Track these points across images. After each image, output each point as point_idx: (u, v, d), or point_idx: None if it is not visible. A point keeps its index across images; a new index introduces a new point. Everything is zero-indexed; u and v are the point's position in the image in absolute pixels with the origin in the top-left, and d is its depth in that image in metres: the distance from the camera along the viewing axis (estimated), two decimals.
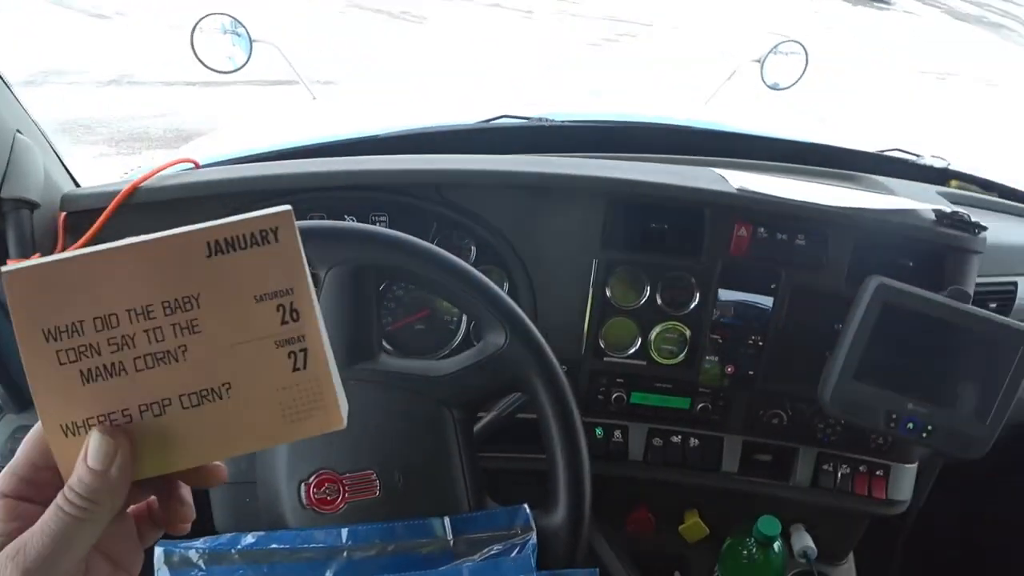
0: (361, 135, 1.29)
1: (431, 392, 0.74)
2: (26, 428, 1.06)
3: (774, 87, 1.87)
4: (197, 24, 1.86)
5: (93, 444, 0.37)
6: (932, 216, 1.04)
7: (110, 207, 0.98)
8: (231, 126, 1.94)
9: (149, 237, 0.37)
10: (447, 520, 0.71)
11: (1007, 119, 6.69)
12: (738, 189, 1.04)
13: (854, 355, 0.99)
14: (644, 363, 1.10)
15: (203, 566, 0.69)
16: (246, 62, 1.94)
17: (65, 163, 1.08)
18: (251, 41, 1.89)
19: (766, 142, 1.43)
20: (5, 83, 0.98)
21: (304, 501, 0.73)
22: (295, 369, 0.38)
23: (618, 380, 1.12)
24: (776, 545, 1.09)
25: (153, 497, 0.43)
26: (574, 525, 0.73)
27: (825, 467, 1.15)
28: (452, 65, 6.94)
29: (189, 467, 0.40)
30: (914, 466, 1.14)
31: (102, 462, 0.37)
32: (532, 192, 1.04)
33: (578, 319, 1.08)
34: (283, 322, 0.38)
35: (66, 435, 0.38)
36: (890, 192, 1.19)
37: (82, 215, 1.01)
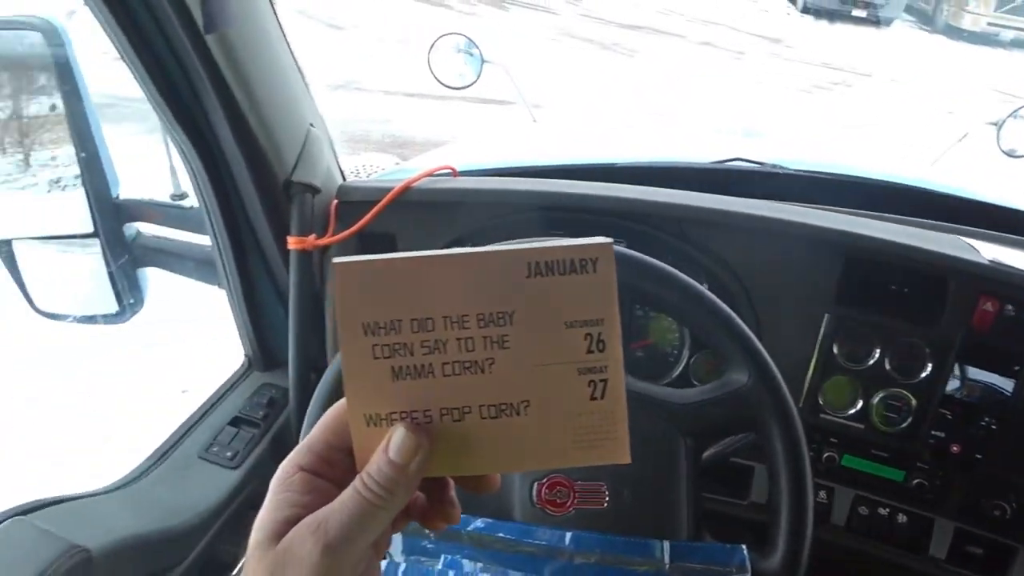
0: (596, 161, 1.34)
1: (671, 418, 0.77)
2: (270, 387, 1.20)
3: (1011, 153, 1.74)
4: (435, 42, 2.02)
5: (397, 439, 0.39)
6: None
7: (383, 201, 1.09)
8: (468, 139, 2.07)
9: (475, 250, 0.39)
10: (667, 544, 0.73)
11: None
12: (990, 261, 0.98)
13: None
14: (862, 426, 1.06)
15: (432, 538, 0.76)
16: (475, 80, 2.07)
17: (338, 158, 1.21)
18: (483, 61, 2.02)
19: (1014, 213, 1.34)
20: (304, 81, 1.12)
21: (535, 499, 0.77)
22: (592, 398, 0.39)
23: (832, 440, 1.09)
24: None
25: (419, 493, 0.44)
26: (791, 574, 0.73)
27: None
28: (659, 99, 6.97)
29: (475, 474, 0.41)
30: None
31: (403, 457, 0.39)
32: (772, 238, 1.04)
33: (799, 371, 1.06)
34: (589, 351, 0.39)
35: (368, 424, 0.40)
36: None
37: (352, 205, 1.13)
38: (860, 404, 1.06)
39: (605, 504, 0.76)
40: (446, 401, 0.39)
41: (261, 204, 1.05)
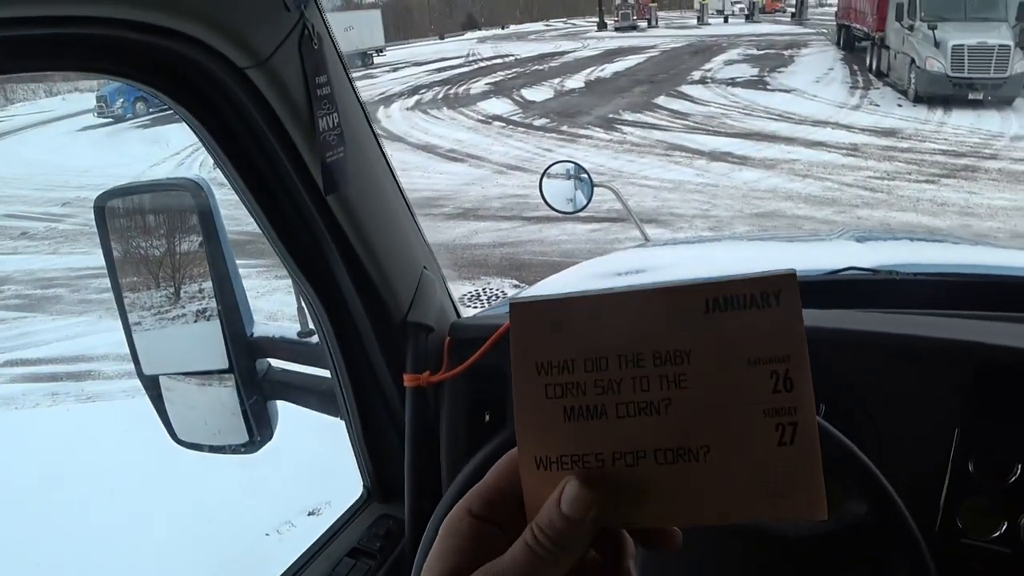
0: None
1: (788, 553, 0.73)
2: (387, 518, 1.23)
3: None
4: (547, 169, 2.12)
5: (571, 492, 0.37)
6: None
7: (492, 338, 1.12)
8: (578, 266, 2.11)
9: (650, 286, 0.37)
10: None
11: None
12: None
13: None
14: (1010, 551, 0.96)
15: None
16: (586, 204, 2.14)
17: (452, 295, 1.28)
18: (592, 186, 2.10)
19: None
20: (419, 227, 1.20)
21: None
22: (781, 443, 0.36)
23: (976, 567, 0.99)
24: None
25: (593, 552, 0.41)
26: None
27: None
28: (770, 204, 6.89)
29: (651, 526, 0.39)
30: None
31: (577, 512, 0.36)
32: (889, 353, 1.00)
33: (933, 494, 0.98)
34: (775, 390, 0.36)
35: (538, 467, 0.38)
36: None
37: (464, 342, 1.18)
38: (1005, 526, 0.96)
39: None
40: (619, 444, 0.37)
41: (378, 343, 1.12)
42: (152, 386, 1.38)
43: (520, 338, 0.38)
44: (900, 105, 11.48)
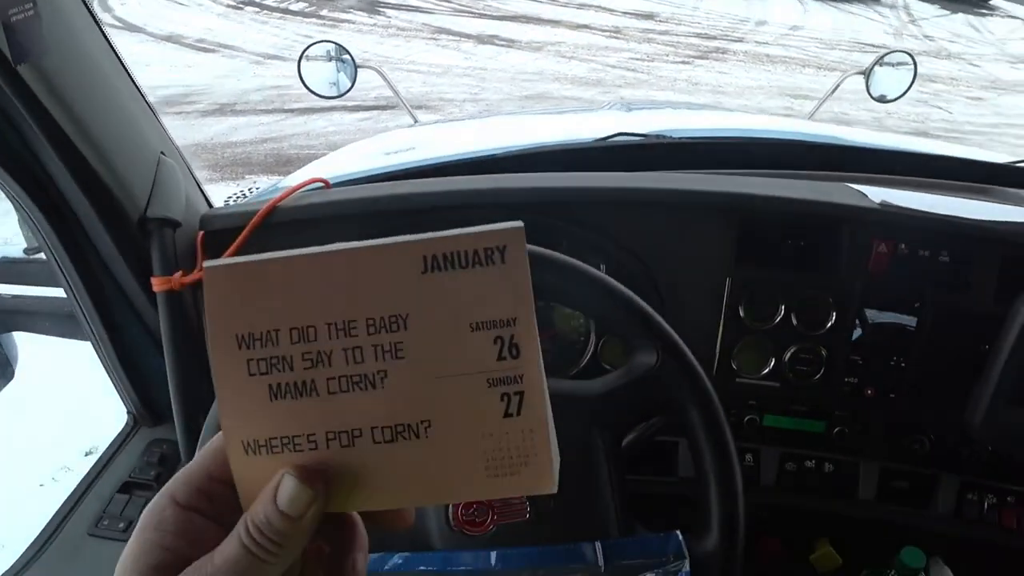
0: (476, 154, 1.30)
1: (582, 412, 0.73)
2: (160, 443, 1.11)
3: (881, 99, 1.80)
4: (304, 52, 1.94)
5: (288, 489, 0.33)
6: None
7: (249, 226, 1.01)
8: (346, 148, 1.99)
9: (360, 244, 0.33)
10: (599, 545, 0.70)
11: None
12: (880, 203, 0.99)
13: (1009, 378, 0.93)
14: (778, 384, 1.05)
15: None
16: (350, 87, 2.00)
17: (201, 184, 1.12)
18: (356, 67, 1.95)
19: (892, 155, 1.37)
20: (150, 107, 1.03)
21: (452, 522, 0.72)
22: (507, 415, 0.33)
23: (750, 402, 1.08)
24: None
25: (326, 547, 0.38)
26: (728, 552, 0.71)
27: (969, 496, 1.08)
28: (540, 86, 7.01)
29: (374, 509, 0.35)
30: None
31: (297, 510, 0.33)
32: (664, 210, 1.02)
33: (709, 339, 1.04)
34: (500, 357, 0.33)
35: (247, 452, 0.34)
36: None
37: (219, 234, 1.04)
38: (773, 363, 1.05)
39: (527, 515, 0.71)
40: (333, 424, 0.33)
41: (117, 248, 0.95)
42: None
43: (216, 307, 0.33)
44: None
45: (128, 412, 1.14)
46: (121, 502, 1.01)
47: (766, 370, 1.05)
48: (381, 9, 9.67)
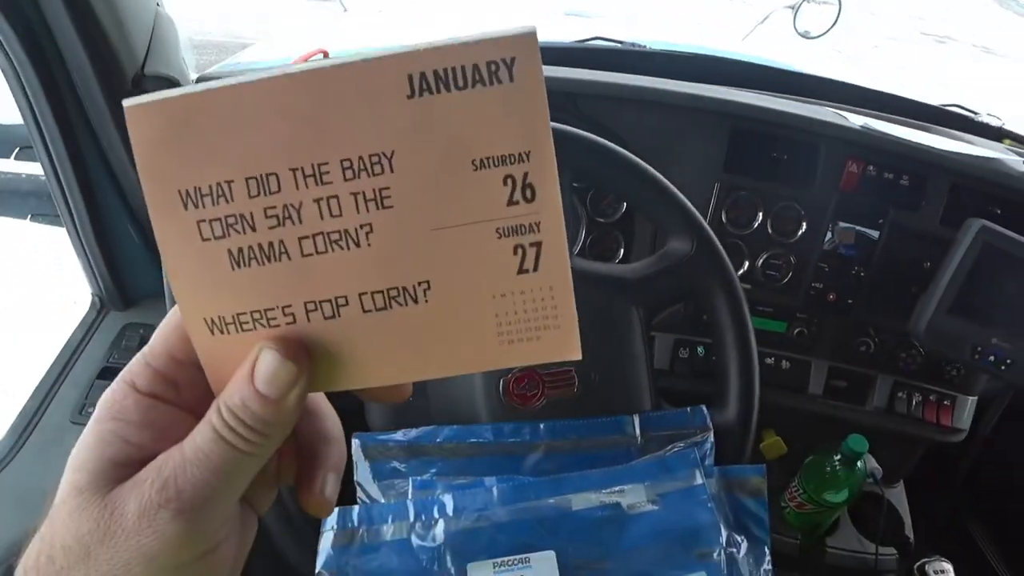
0: None
1: (625, 293, 0.76)
2: (137, 327, 1.06)
3: (805, 35, 1.88)
4: None
5: (268, 366, 0.28)
6: (1022, 167, 1.08)
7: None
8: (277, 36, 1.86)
9: (327, 63, 0.25)
10: (637, 418, 0.74)
11: (1001, 87, 6.78)
12: (861, 126, 1.06)
13: (951, 291, 1.04)
14: (749, 286, 1.13)
15: (403, 457, 0.71)
16: None
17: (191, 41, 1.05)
18: None
19: (840, 86, 1.45)
20: None
21: (503, 396, 0.75)
22: (521, 271, 0.27)
23: None
24: (859, 462, 1.15)
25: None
26: (746, 423, 0.77)
27: (900, 395, 1.21)
28: None
29: (366, 386, 0.30)
30: (975, 399, 1.21)
31: (279, 390, 0.27)
32: (665, 112, 1.05)
33: None
34: (511, 201, 0.26)
35: (212, 332, 0.28)
36: (969, 144, 1.22)
37: None
38: (747, 266, 1.12)
39: (576, 390, 0.75)
40: (312, 292, 0.28)
41: (108, 108, 0.88)
42: None
43: (148, 157, 0.26)
44: None
45: (93, 295, 1.08)
46: (102, 388, 0.96)
47: (740, 272, 1.12)
48: None
